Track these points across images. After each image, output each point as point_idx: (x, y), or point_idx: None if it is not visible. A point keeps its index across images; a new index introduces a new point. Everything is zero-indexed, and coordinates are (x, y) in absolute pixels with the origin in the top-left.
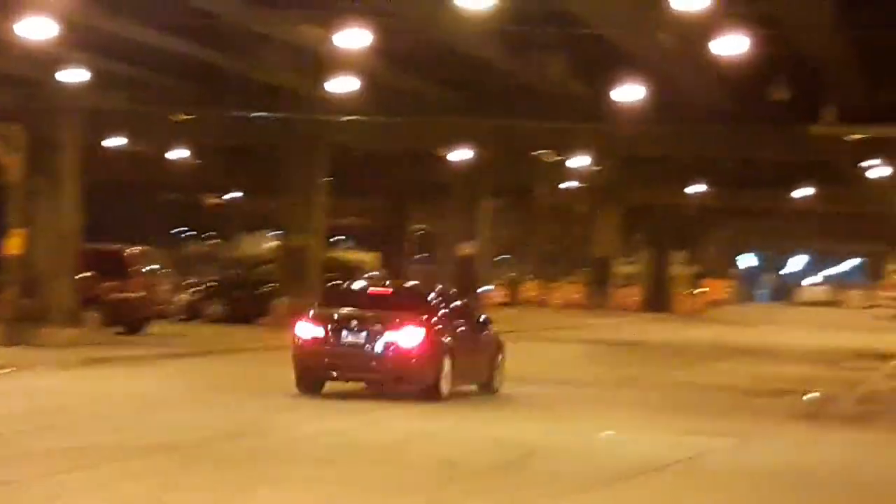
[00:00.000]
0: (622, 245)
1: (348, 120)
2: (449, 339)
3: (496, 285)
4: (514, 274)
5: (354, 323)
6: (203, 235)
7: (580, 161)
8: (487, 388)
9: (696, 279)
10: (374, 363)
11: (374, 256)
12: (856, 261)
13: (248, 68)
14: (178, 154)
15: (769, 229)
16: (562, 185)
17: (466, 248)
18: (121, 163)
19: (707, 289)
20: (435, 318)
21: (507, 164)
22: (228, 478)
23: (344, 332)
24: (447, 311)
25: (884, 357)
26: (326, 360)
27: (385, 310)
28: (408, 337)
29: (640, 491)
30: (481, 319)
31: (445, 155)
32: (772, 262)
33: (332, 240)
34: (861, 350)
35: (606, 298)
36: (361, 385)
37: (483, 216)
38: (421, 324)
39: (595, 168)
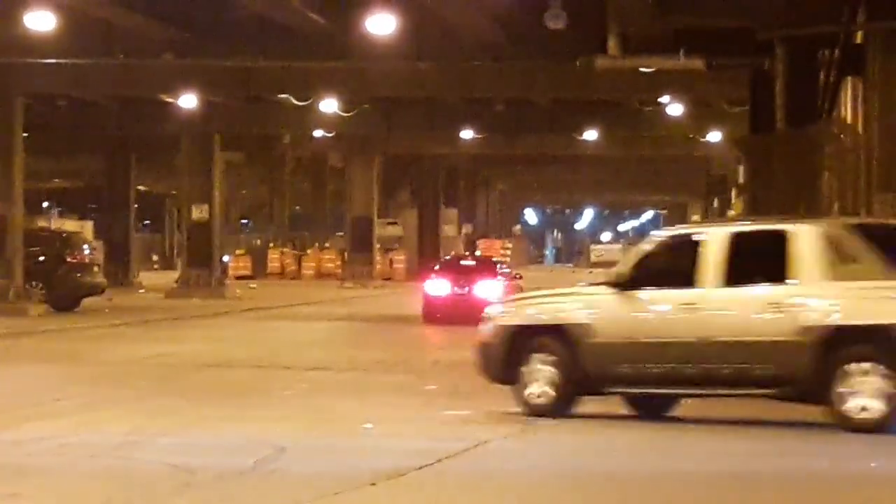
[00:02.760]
0: (384, 203)
1: (49, 63)
2: (508, 289)
3: (237, 255)
4: (257, 241)
5: (460, 281)
6: None
7: (330, 106)
8: None
9: (471, 240)
10: (470, 306)
11: (86, 225)
12: (655, 212)
13: None
14: None
15: (555, 180)
16: (311, 135)
17: (199, 212)
18: None
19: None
20: (503, 278)
21: (244, 111)
22: None
23: (454, 288)
24: (504, 273)
25: None
26: (442, 303)
27: (474, 273)
28: (491, 289)
29: (396, 496)
30: (517, 276)
31: (171, 102)
32: (562, 216)
33: (40, 207)
34: None
35: (368, 267)
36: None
37: (220, 173)
38: (497, 282)
39: (347, 114)
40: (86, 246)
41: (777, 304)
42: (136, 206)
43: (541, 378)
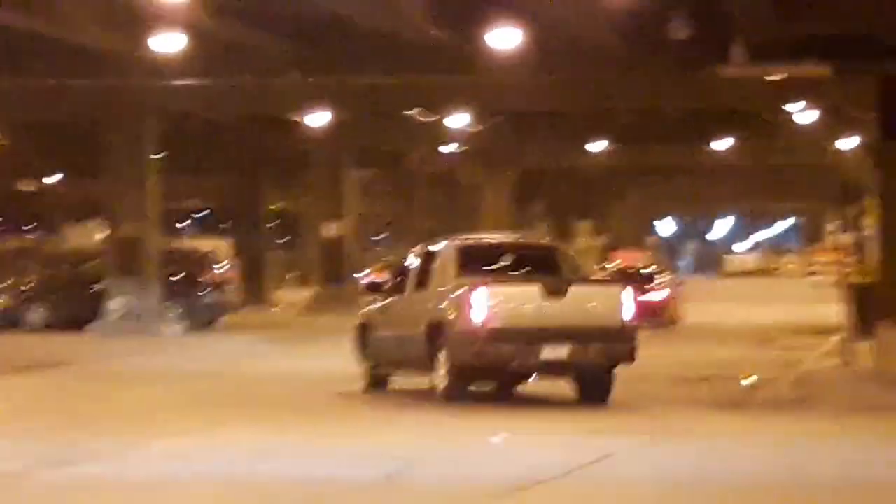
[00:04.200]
0: (518, 216)
1: (180, 84)
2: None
3: (374, 270)
4: (392, 257)
5: None
6: (22, 228)
7: (459, 120)
8: None
9: (606, 251)
10: None
11: (222, 244)
12: (790, 221)
13: (50, 27)
14: None
15: (688, 190)
16: (441, 149)
17: (334, 229)
18: None
19: (619, 262)
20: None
21: (374, 128)
22: None
23: None
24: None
25: (824, 332)
26: None
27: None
28: None
29: None
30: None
31: (302, 120)
32: (695, 227)
33: (175, 227)
34: (798, 325)
35: None
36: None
37: (351, 190)
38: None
39: (477, 128)
40: (219, 265)
41: (422, 306)
42: (272, 223)
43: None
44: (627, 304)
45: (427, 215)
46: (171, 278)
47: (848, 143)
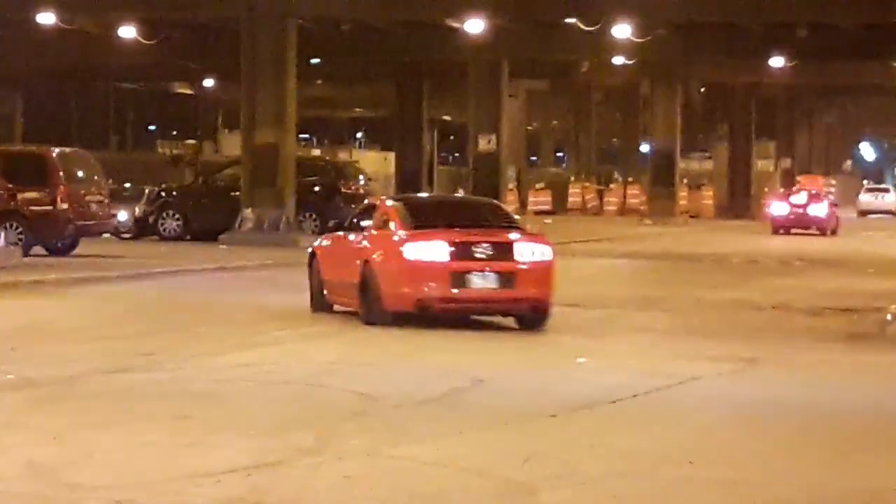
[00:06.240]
0: (701, 137)
1: None
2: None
3: (536, 189)
4: (558, 171)
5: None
6: (175, 133)
7: (623, 31)
8: None
9: (789, 177)
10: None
11: (388, 156)
12: None
13: None
14: (129, 33)
15: (885, 111)
16: (611, 62)
17: (486, 143)
18: (66, 45)
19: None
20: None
21: (533, 37)
22: (78, 417)
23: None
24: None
25: None
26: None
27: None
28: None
29: (569, 426)
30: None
31: (459, 28)
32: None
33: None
34: None
35: (670, 202)
36: None
37: (506, 102)
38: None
39: (643, 39)
40: (361, 177)
41: None
42: (438, 136)
43: None
44: None
45: (606, 132)
46: (311, 189)
47: None
